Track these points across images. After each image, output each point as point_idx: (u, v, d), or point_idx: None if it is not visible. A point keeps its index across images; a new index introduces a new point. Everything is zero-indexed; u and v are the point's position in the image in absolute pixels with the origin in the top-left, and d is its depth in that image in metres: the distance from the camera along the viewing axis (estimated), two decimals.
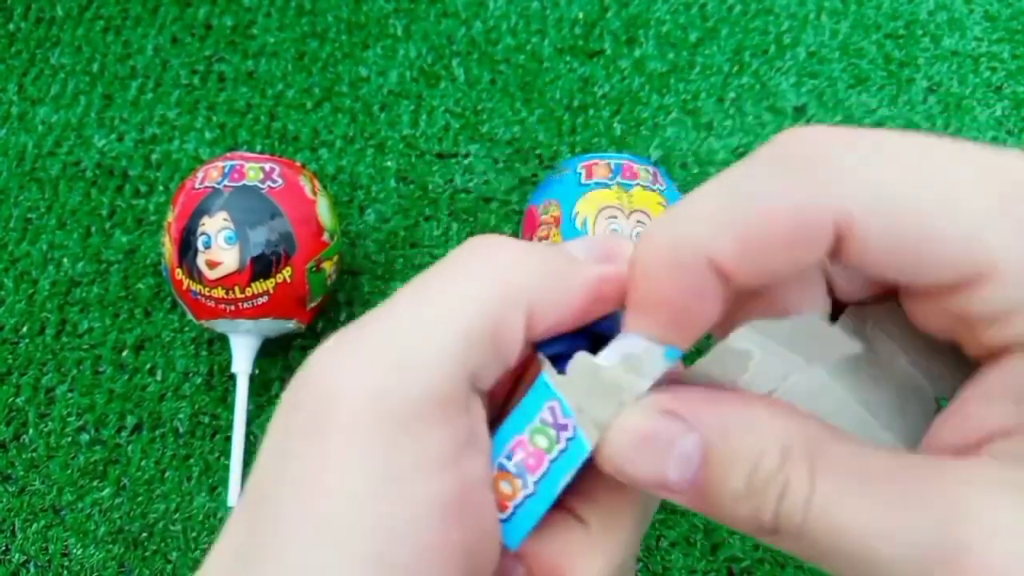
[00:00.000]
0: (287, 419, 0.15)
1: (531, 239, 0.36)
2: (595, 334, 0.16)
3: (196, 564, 0.36)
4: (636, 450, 0.14)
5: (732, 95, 0.48)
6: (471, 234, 0.44)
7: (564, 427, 0.15)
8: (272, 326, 0.37)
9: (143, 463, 0.39)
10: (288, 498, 0.14)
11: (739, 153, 0.46)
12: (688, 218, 0.13)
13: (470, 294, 0.14)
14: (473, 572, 0.14)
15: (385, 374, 0.14)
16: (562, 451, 0.15)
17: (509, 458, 0.15)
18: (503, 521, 0.15)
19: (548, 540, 0.16)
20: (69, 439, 0.39)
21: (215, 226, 0.35)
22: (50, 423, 0.40)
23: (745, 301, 0.15)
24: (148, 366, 0.41)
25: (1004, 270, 0.11)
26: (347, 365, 0.14)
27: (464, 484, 0.14)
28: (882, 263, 0.12)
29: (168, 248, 0.37)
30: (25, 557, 0.37)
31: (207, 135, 0.47)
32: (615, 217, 0.34)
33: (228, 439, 0.38)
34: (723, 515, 0.13)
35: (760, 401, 0.14)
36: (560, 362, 0.15)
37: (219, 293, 0.35)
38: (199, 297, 0.36)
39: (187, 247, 0.36)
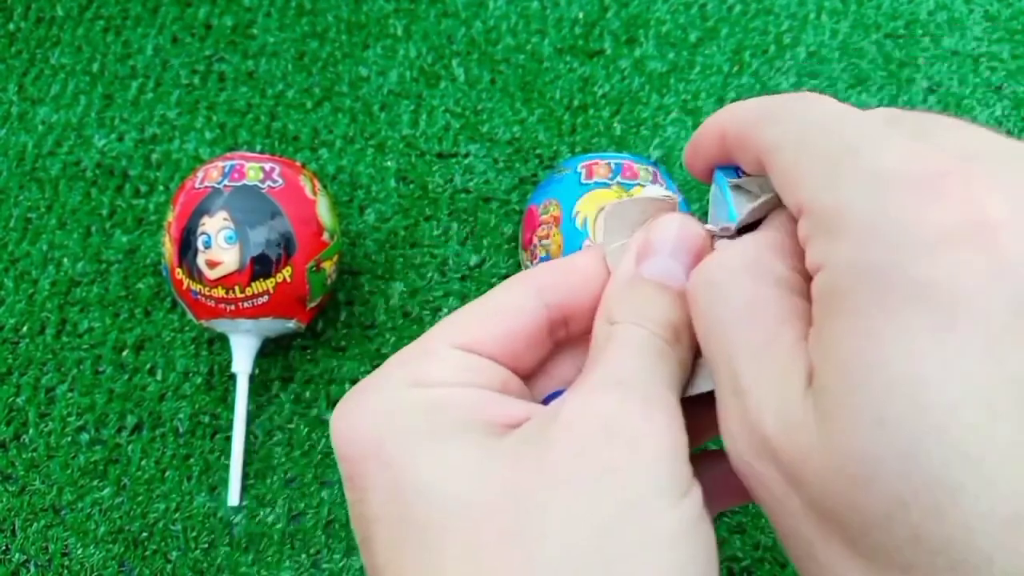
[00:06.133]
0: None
1: (531, 238, 0.36)
2: None
3: (196, 564, 0.36)
4: None
5: (732, 95, 0.48)
6: (471, 234, 0.44)
7: None
8: (272, 326, 0.37)
9: (143, 463, 0.39)
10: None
11: None
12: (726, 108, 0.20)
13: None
14: None
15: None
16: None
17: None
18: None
19: None
20: (69, 439, 0.39)
21: (215, 226, 0.35)
22: (50, 423, 0.40)
23: None
24: (148, 366, 0.41)
25: (808, 209, 0.16)
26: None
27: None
28: (778, 185, 0.18)
29: (168, 248, 0.37)
30: (25, 557, 0.37)
31: (207, 135, 0.47)
32: None
33: (228, 439, 0.38)
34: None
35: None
36: None
37: (219, 293, 0.35)
38: (199, 297, 0.36)
39: (187, 247, 0.36)
